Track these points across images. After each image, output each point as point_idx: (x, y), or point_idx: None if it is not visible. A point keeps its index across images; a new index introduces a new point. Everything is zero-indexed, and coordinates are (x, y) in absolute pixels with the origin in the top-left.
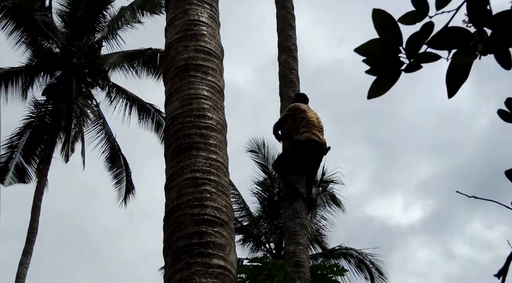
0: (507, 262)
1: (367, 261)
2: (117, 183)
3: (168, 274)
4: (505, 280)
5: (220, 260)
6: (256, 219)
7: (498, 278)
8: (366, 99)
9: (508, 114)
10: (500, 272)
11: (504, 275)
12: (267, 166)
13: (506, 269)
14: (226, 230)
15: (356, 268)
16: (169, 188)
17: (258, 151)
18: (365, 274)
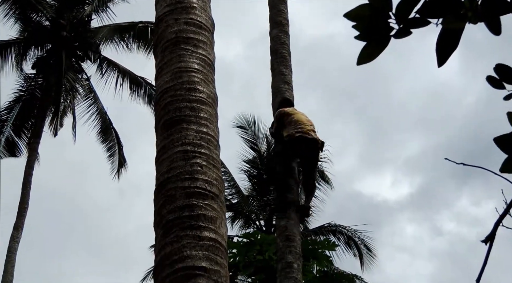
0: (494, 228)
1: (356, 238)
2: (110, 156)
3: (159, 246)
4: (492, 245)
5: (210, 233)
6: (245, 197)
7: (485, 244)
8: (356, 65)
9: (497, 80)
10: (487, 237)
11: (491, 240)
12: (257, 144)
13: (494, 235)
14: (217, 203)
15: (345, 245)
16: (159, 161)
17: (248, 128)
18: (353, 251)
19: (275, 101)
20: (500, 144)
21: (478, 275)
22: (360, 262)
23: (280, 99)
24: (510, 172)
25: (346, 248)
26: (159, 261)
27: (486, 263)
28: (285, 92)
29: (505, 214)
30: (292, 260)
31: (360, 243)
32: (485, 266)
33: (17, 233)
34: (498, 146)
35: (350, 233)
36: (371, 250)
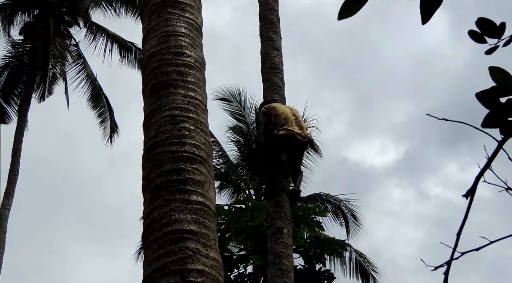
0: (475, 182)
1: (343, 207)
2: (101, 123)
3: (147, 210)
4: (472, 200)
5: (199, 197)
6: (234, 166)
7: (466, 198)
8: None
9: (479, 35)
10: (468, 192)
11: (472, 194)
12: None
13: (474, 189)
14: (205, 167)
15: (333, 214)
16: (147, 126)
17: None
18: (340, 221)
19: (264, 68)
20: (481, 99)
21: (459, 229)
22: (346, 230)
23: (262, 103)
24: (491, 127)
25: (334, 217)
26: (147, 225)
27: (466, 218)
28: (274, 58)
29: (486, 168)
30: (282, 225)
31: (347, 212)
32: (465, 220)
33: (8, 200)
34: (480, 101)
35: (337, 202)
36: (357, 219)
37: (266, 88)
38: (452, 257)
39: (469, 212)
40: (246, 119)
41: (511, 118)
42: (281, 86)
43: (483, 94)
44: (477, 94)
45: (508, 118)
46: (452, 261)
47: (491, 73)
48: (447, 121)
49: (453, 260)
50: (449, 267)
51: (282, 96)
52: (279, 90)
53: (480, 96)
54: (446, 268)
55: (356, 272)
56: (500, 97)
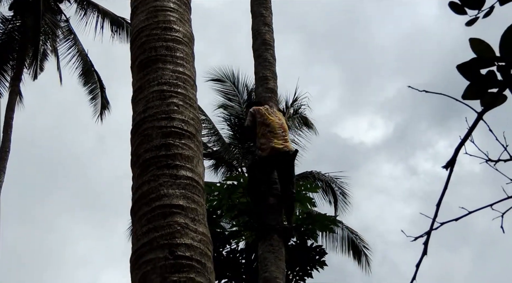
0: (455, 153)
1: (334, 184)
2: (92, 99)
3: (136, 185)
4: (452, 171)
5: (187, 172)
6: (227, 144)
7: (446, 169)
8: None
9: (459, 6)
10: (448, 163)
11: (452, 165)
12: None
13: (454, 160)
14: (194, 142)
15: (323, 192)
16: (136, 101)
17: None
18: (329, 198)
19: (255, 44)
20: (462, 71)
21: (438, 200)
22: (335, 208)
23: (253, 102)
24: (471, 98)
25: (324, 195)
26: (136, 199)
27: (446, 188)
28: (265, 34)
29: (465, 139)
30: (274, 202)
31: (337, 189)
32: (445, 191)
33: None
34: (461, 73)
35: (328, 180)
36: (346, 197)
37: (257, 64)
38: (431, 227)
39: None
40: (239, 99)
41: (491, 90)
42: (272, 63)
43: (464, 66)
44: (458, 66)
45: (488, 90)
46: (432, 231)
47: (471, 45)
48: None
49: (432, 230)
50: (429, 237)
51: (273, 72)
52: (271, 67)
53: (461, 68)
54: (426, 238)
55: (348, 249)
56: (480, 69)
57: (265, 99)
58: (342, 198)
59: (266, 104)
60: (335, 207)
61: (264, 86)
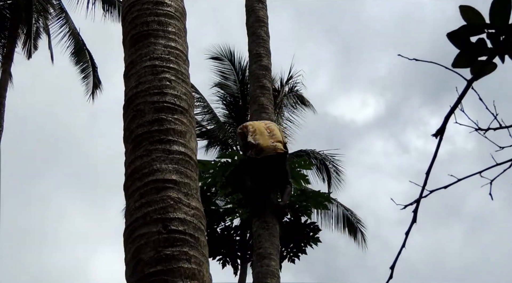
0: (444, 121)
1: (328, 163)
2: (84, 78)
3: (128, 160)
4: (442, 139)
5: (180, 147)
6: (222, 123)
7: (435, 137)
8: None
9: None
10: (437, 131)
11: (441, 134)
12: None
13: (443, 128)
14: (186, 117)
15: (317, 170)
16: (128, 76)
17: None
18: (323, 176)
19: (249, 21)
20: (452, 39)
21: (428, 168)
22: (328, 185)
23: None
24: (461, 66)
25: (317, 173)
26: (129, 175)
27: (435, 157)
28: (259, 11)
29: (455, 107)
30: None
31: (331, 167)
32: (434, 159)
33: None
34: (451, 41)
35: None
36: (340, 174)
37: (251, 41)
38: (421, 195)
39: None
40: (236, 78)
41: (481, 58)
42: (266, 40)
43: (454, 34)
44: (448, 34)
45: (478, 58)
46: (421, 199)
47: (462, 12)
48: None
49: (422, 198)
50: (418, 205)
51: (267, 49)
52: (264, 44)
53: (451, 36)
54: (415, 206)
55: (343, 226)
56: (470, 36)
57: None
58: (336, 175)
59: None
60: (329, 184)
61: (258, 63)
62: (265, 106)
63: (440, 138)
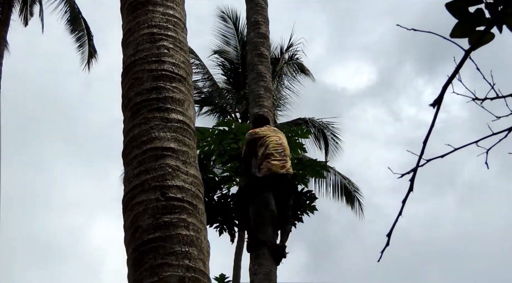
0: (442, 91)
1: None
2: (80, 47)
3: (127, 128)
4: (439, 109)
5: (178, 115)
6: (221, 89)
7: (433, 107)
8: None
9: None
10: (435, 101)
11: (439, 103)
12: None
13: (441, 98)
14: (184, 85)
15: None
16: (126, 44)
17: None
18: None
19: None
20: (451, 9)
21: (425, 137)
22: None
23: (253, 117)
24: (459, 36)
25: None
26: (127, 142)
27: (433, 126)
28: None
29: (453, 77)
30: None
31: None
32: (432, 128)
33: None
34: (449, 10)
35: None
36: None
37: (249, 8)
38: (418, 164)
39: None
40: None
41: (479, 28)
42: (264, 7)
43: (452, 4)
44: (446, 4)
45: (476, 28)
46: (418, 168)
47: None
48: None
49: (418, 167)
50: (415, 173)
51: (265, 17)
52: (262, 11)
53: (449, 6)
54: (412, 175)
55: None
56: (468, 6)
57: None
58: (333, 143)
59: (267, 124)
60: (326, 152)
61: (256, 31)
62: (263, 74)
63: (437, 108)
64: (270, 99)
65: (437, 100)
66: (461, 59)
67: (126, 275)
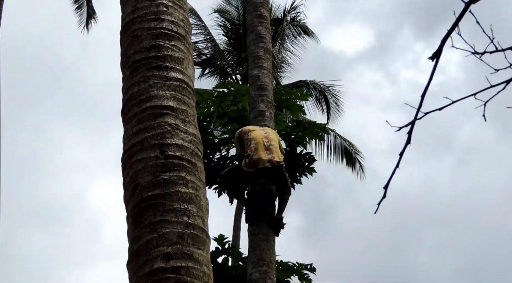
0: (441, 44)
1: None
2: (78, 9)
3: (126, 86)
4: (438, 62)
5: (177, 73)
6: (222, 51)
7: (432, 60)
8: None
9: None
10: (434, 54)
11: (438, 57)
12: None
13: (440, 51)
14: (184, 44)
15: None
16: (124, 1)
17: None
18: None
19: None
20: None
21: (423, 91)
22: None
23: None
24: None
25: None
26: (126, 101)
27: (431, 79)
28: None
29: (453, 29)
30: (264, 108)
31: (330, 98)
32: (430, 82)
33: None
34: None
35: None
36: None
37: None
38: (416, 117)
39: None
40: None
41: None
42: None
43: None
44: None
45: None
46: (416, 121)
47: None
48: None
49: (416, 120)
50: (413, 126)
51: None
52: None
53: None
54: (410, 128)
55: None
56: None
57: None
58: (335, 106)
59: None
60: (328, 115)
61: None
62: (262, 35)
63: (436, 61)
64: (269, 60)
65: (436, 53)
66: (460, 11)
67: (126, 232)
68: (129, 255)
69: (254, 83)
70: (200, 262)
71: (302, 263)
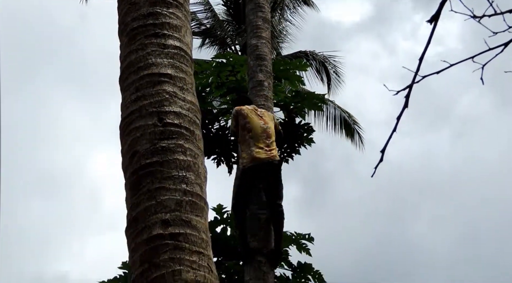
0: (440, 7)
1: (327, 64)
2: None
3: (124, 54)
4: (436, 25)
5: (175, 41)
6: (221, 21)
7: (430, 24)
8: None
9: None
10: (432, 17)
11: (436, 19)
12: None
13: (438, 14)
14: (182, 12)
15: (316, 72)
16: None
17: None
18: (322, 77)
19: None
20: None
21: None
22: (328, 87)
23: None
24: None
25: (316, 75)
26: (124, 68)
27: (429, 43)
28: None
29: None
30: (263, 78)
31: (330, 68)
32: (428, 45)
33: None
34: None
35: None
36: (339, 76)
37: None
38: (413, 80)
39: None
40: None
41: None
42: None
43: None
44: None
45: None
46: (414, 84)
47: None
48: None
49: (414, 83)
50: (410, 90)
51: None
52: None
53: None
54: (408, 91)
55: (340, 128)
56: None
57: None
58: (335, 76)
59: (254, 104)
60: (329, 86)
61: None
62: (261, 5)
63: (434, 24)
64: (268, 30)
65: (434, 16)
66: None
67: (124, 199)
68: (128, 222)
69: (252, 52)
70: (198, 229)
71: (300, 233)
